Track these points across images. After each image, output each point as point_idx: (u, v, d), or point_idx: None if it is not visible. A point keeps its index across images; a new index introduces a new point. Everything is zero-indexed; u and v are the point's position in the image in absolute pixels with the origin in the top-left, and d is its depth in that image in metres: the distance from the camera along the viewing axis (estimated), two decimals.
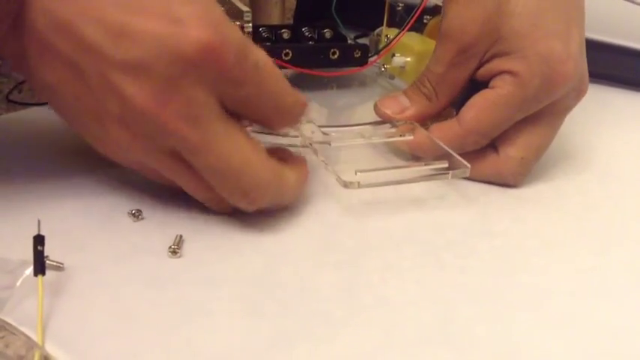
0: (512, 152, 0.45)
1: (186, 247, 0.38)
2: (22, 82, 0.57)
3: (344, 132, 0.48)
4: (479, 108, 0.45)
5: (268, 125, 0.41)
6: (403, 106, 0.47)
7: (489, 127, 0.45)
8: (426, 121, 0.47)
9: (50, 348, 0.31)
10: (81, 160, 0.45)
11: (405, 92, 0.48)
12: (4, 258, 0.34)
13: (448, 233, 0.41)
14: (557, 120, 0.46)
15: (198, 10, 0.36)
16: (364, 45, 0.58)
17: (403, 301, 0.36)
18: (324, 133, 0.45)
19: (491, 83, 0.45)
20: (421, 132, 0.46)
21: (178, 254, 0.37)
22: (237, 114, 0.38)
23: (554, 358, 0.33)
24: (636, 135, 0.57)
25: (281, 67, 0.50)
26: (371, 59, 0.57)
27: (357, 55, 0.58)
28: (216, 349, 0.32)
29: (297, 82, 0.46)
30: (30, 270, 0.33)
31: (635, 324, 0.35)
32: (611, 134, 0.56)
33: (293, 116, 0.41)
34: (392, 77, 0.59)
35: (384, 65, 0.58)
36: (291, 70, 0.55)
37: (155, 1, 0.36)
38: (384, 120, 0.48)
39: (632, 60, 0.64)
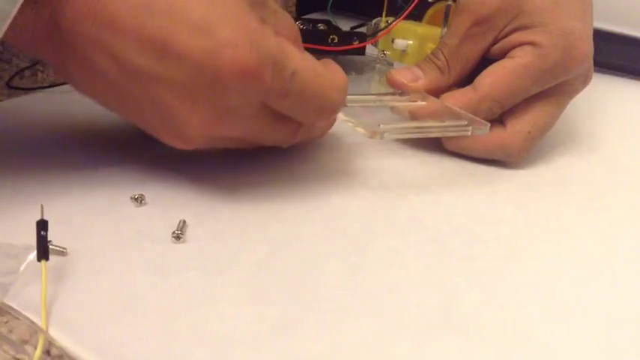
0: (520, 127, 0.46)
1: (190, 232, 0.38)
2: (22, 69, 0.56)
3: (356, 98, 0.47)
4: (497, 75, 0.45)
5: (311, 123, 0.41)
6: (416, 75, 0.48)
7: (505, 94, 0.45)
8: (436, 94, 0.47)
9: (54, 332, 0.31)
10: (83, 145, 0.45)
11: (418, 64, 0.49)
12: (8, 243, 0.34)
13: (453, 220, 0.41)
14: (564, 100, 0.47)
15: (233, 25, 0.35)
16: (362, 33, 0.58)
17: (408, 288, 0.35)
18: None
19: (510, 54, 0.45)
20: (433, 99, 0.46)
21: (182, 239, 0.37)
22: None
23: (559, 344, 0.33)
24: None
25: None
26: (369, 39, 0.57)
27: (356, 43, 0.57)
28: (221, 335, 0.31)
29: None
30: (33, 255, 0.33)
31: None
32: (615, 123, 0.56)
33: (335, 110, 0.41)
34: (391, 64, 0.59)
35: (383, 52, 0.58)
36: None
37: (192, 12, 0.35)
38: (395, 90, 0.48)
39: (636, 50, 0.64)
